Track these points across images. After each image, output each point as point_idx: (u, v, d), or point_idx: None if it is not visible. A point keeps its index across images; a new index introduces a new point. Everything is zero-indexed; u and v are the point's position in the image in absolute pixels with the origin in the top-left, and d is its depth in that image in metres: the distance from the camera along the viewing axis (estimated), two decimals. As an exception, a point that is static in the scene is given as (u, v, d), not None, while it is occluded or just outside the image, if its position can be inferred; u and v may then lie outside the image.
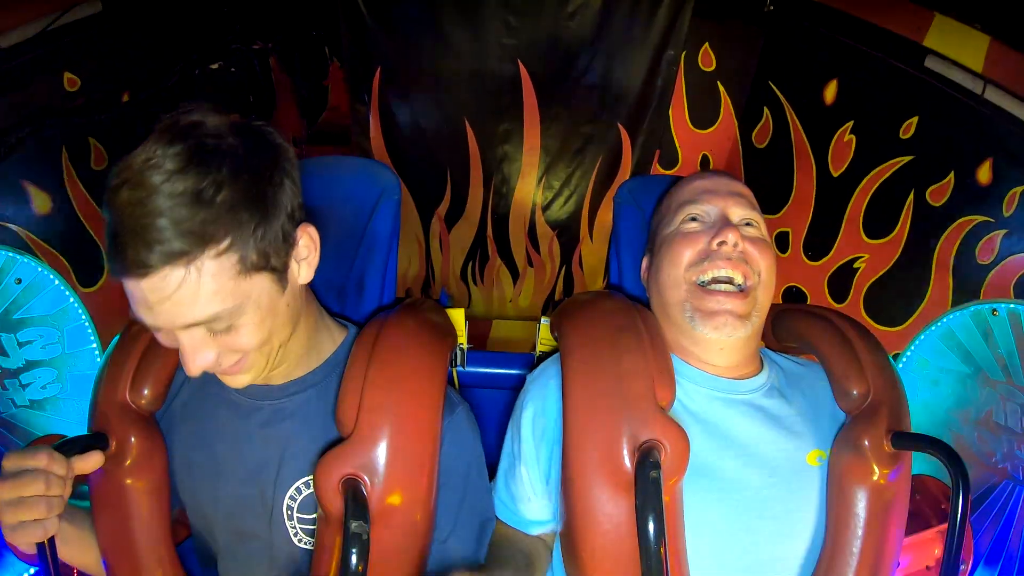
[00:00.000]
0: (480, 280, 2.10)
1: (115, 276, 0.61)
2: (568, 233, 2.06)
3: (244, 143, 0.63)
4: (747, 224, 0.90)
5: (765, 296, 0.87)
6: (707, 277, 0.86)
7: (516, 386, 1.20)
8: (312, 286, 0.81)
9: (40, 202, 1.06)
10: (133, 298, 0.62)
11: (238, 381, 0.74)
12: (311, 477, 0.81)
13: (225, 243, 0.61)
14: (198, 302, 0.62)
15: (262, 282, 0.67)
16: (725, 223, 0.88)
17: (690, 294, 0.87)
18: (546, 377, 0.92)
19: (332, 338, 0.90)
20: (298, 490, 0.84)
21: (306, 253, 0.72)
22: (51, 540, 0.72)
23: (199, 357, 0.66)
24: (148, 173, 0.57)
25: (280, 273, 0.69)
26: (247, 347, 0.68)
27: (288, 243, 0.69)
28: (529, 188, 1.97)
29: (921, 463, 1.02)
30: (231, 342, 0.67)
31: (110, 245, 0.60)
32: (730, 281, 0.85)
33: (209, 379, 0.88)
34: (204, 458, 0.86)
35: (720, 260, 0.85)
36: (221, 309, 0.63)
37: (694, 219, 0.91)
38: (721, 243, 0.85)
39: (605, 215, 2.00)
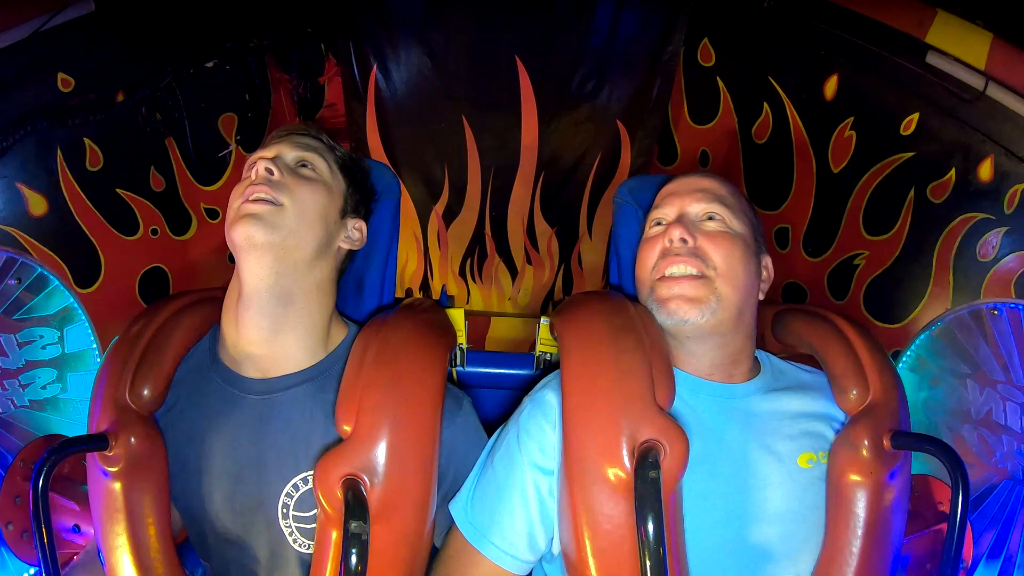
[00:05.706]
0: (479, 278, 2.09)
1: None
2: (567, 231, 2.04)
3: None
4: (709, 218, 0.91)
5: (727, 286, 0.87)
6: (666, 273, 0.89)
7: (516, 386, 1.20)
8: None
9: (35, 204, 1.06)
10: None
11: (250, 227, 0.82)
12: (309, 473, 0.82)
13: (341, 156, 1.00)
14: (316, 146, 0.97)
15: (334, 188, 0.95)
16: (674, 222, 0.90)
17: (651, 290, 0.90)
18: (546, 389, 0.92)
19: (335, 334, 0.92)
20: (295, 487, 0.84)
21: (354, 235, 0.98)
22: (51, 540, 0.72)
23: (286, 154, 0.92)
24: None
25: (339, 208, 0.95)
26: (299, 193, 0.88)
27: (355, 211, 0.99)
28: (527, 185, 1.96)
29: (921, 463, 1.02)
30: (296, 181, 0.89)
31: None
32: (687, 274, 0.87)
33: (205, 374, 0.89)
34: (195, 453, 0.86)
35: (672, 256, 0.88)
36: (312, 154, 0.94)
37: (658, 223, 0.95)
38: (670, 240, 0.88)
39: (604, 213, 1.99)
